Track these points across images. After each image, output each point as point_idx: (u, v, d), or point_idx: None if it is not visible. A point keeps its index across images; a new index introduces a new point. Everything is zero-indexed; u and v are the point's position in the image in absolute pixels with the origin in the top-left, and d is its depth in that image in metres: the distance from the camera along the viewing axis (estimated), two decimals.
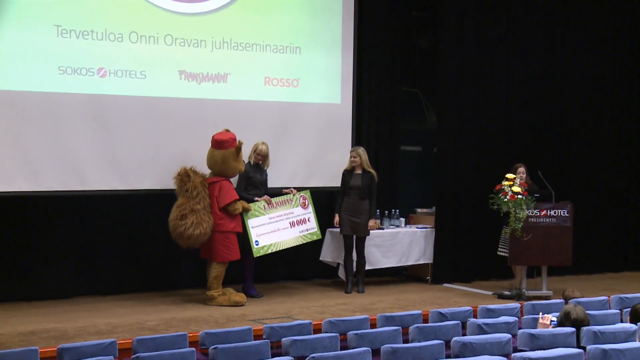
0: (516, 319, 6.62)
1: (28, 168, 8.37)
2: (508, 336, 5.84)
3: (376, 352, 5.53)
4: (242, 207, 8.75)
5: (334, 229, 9.74)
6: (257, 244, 8.88)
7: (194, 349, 5.52)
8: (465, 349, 5.56)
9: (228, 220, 8.66)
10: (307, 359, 5.05)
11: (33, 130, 8.36)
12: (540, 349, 5.52)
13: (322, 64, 9.90)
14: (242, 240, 8.84)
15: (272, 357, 5.62)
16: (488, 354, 5.47)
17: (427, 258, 10.40)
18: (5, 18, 8.12)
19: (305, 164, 9.88)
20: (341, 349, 5.80)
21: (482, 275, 10.55)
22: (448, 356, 5.64)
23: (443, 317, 6.79)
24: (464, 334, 6.30)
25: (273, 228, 9.07)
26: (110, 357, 5.38)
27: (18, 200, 8.57)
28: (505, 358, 5.36)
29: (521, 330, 6.00)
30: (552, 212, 9.38)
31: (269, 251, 9.02)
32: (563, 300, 7.22)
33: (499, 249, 9.64)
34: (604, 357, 5.24)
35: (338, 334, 6.03)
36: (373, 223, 9.62)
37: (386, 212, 10.43)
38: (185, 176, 8.56)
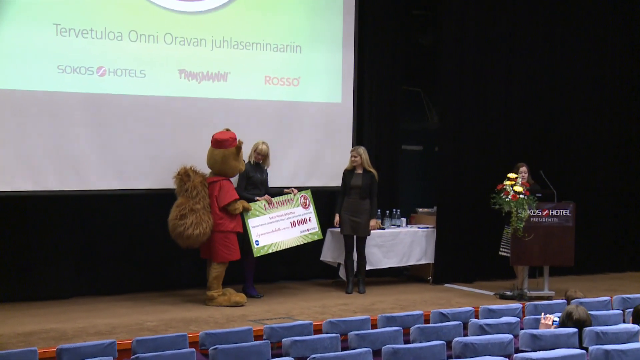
0: (518, 320, 6.61)
1: (27, 168, 8.36)
2: (510, 337, 5.84)
3: (377, 353, 5.53)
4: (242, 207, 8.72)
5: (335, 229, 9.72)
6: (258, 244, 8.85)
7: (194, 350, 5.51)
8: (466, 350, 5.55)
9: (228, 220, 8.63)
10: None
11: (32, 129, 8.35)
12: (542, 350, 5.51)
13: (323, 63, 9.88)
14: (242, 240, 8.82)
15: (273, 358, 5.62)
16: (490, 355, 5.47)
17: (428, 258, 10.37)
18: (4, 17, 8.11)
19: (305, 164, 9.86)
20: (342, 350, 5.80)
21: (484, 275, 10.52)
22: (449, 357, 5.63)
23: (444, 318, 6.78)
24: (466, 335, 6.29)
25: (273, 228, 9.04)
26: (109, 358, 5.39)
27: (17, 200, 8.55)
28: (506, 359, 5.38)
29: (523, 330, 6.00)
30: (554, 212, 9.36)
31: (270, 251, 9.00)
32: (565, 300, 7.22)
33: (501, 249, 9.62)
34: (606, 358, 5.23)
35: (339, 335, 6.03)
36: (374, 223, 9.59)
37: (387, 212, 10.40)
38: (185, 176, 8.54)
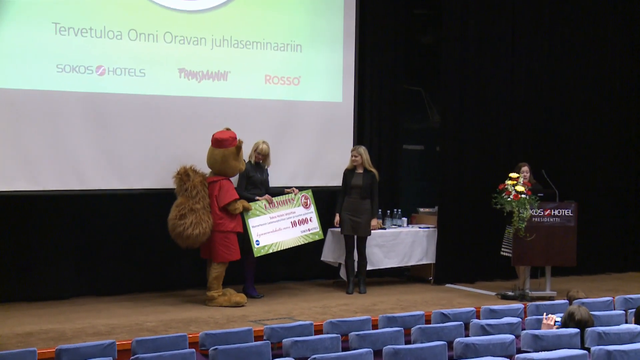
0: (520, 320, 6.60)
1: (26, 167, 8.34)
2: (511, 337, 5.82)
3: (378, 353, 5.50)
4: (243, 207, 8.69)
5: (336, 229, 9.69)
6: (258, 244, 8.83)
7: (194, 350, 5.49)
8: (468, 350, 5.54)
9: (228, 220, 8.61)
10: None
11: (31, 128, 8.34)
12: (544, 350, 5.50)
13: (324, 62, 9.86)
14: (242, 240, 8.79)
15: (273, 359, 5.61)
16: (491, 355, 5.45)
17: (430, 258, 10.35)
18: (3, 16, 8.09)
19: (306, 163, 9.84)
20: (343, 350, 5.78)
21: (485, 275, 10.50)
22: (451, 357, 5.62)
23: (445, 318, 6.76)
24: (467, 335, 6.27)
25: (274, 228, 9.02)
26: (109, 359, 5.38)
27: (16, 199, 8.53)
28: (508, 359, 5.32)
29: (525, 331, 5.98)
30: (556, 212, 9.34)
31: (270, 251, 8.97)
32: (567, 300, 7.18)
33: (502, 249, 9.60)
34: (609, 359, 5.20)
35: (339, 335, 6.01)
36: (375, 223, 9.57)
37: (388, 212, 10.38)
38: (184, 175, 8.52)
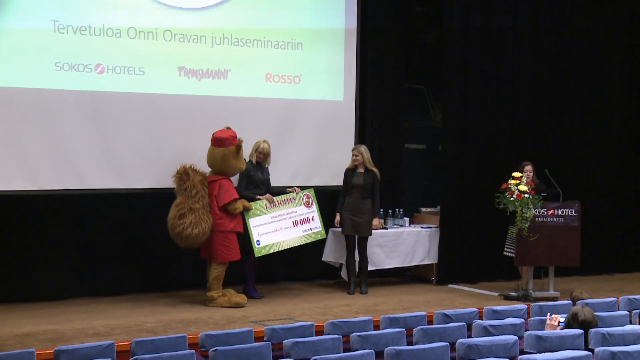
0: (523, 321, 6.57)
1: (25, 166, 8.31)
2: (514, 338, 5.80)
3: (380, 355, 5.48)
4: (243, 207, 8.64)
5: (337, 229, 9.67)
6: (259, 244, 8.79)
7: (194, 351, 5.47)
8: (470, 351, 5.52)
9: (228, 219, 8.57)
10: None
11: (30, 127, 8.31)
12: (547, 351, 5.49)
13: (325, 60, 9.84)
14: (243, 240, 8.75)
15: None
16: (494, 356, 5.43)
17: (432, 258, 10.32)
18: (1, 14, 8.05)
19: (307, 162, 9.81)
20: (344, 351, 5.77)
21: (488, 276, 10.48)
22: (453, 359, 5.60)
23: (448, 319, 6.73)
24: (470, 336, 6.26)
25: (275, 227, 8.99)
26: None
27: (14, 199, 8.50)
28: None
29: (528, 332, 5.96)
30: (560, 212, 9.31)
31: (271, 251, 8.94)
32: (570, 301, 7.15)
33: (505, 249, 9.58)
34: None
35: (341, 336, 5.99)
36: (377, 222, 9.55)
37: (390, 212, 10.36)
38: (184, 174, 8.49)
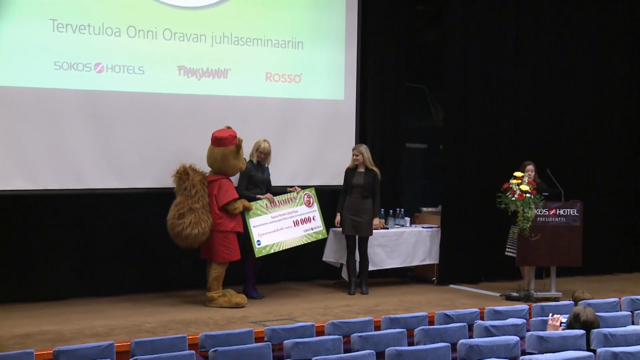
0: (524, 321, 6.56)
1: (24, 166, 8.30)
2: (516, 339, 5.81)
3: (380, 355, 5.47)
4: (243, 206, 8.61)
5: (337, 229, 9.66)
6: (259, 244, 8.76)
7: (194, 352, 5.46)
8: (472, 352, 5.52)
9: (228, 219, 8.54)
10: None
11: (29, 127, 8.30)
12: (549, 352, 5.47)
13: (325, 59, 9.81)
14: (243, 240, 8.73)
15: None
16: (495, 357, 5.44)
17: (433, 258, 10.30)
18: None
19: (307, 162, 9.79)
20: (345, 352, 5.77)
21: (490, 276, 10.47)
22: (454, 359, 5.59)
23: (449, 319, 6.72)
24: (471, 337, 6.25)
25: (276, 227, 8.96)
26: None
27: (13, 199, 8.49)
28: None
29: (529, 332, 5.96)
30: (562, 212, 9.30)
31: (272, 251, 8.91)
32: (572, 301, 7.14)
33: (507, 249, 9.56)
34: None
35: (341, 337, 5.98)
36: (377, 222, 9.54)
37: (391, 212, 10.34)
38: (184, 174, 8.48)
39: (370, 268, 9.64)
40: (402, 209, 10.42)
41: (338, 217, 9.46)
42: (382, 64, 10.50)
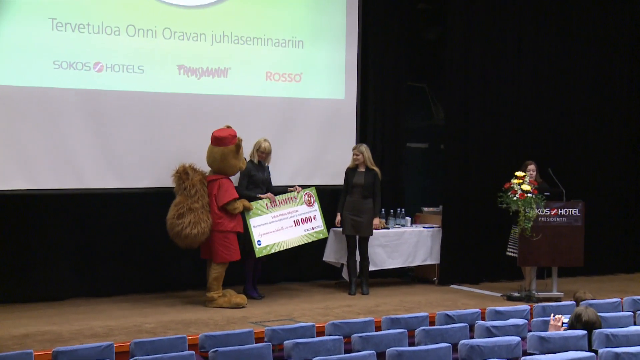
0: (526, 322, 6.56)
1: (23, 166, 8.28)
2: (517, 339, 5.80)
3: (381, 356, 5.47)
4: (243, 206, 8.58)
5: (338, 229, 9.65)
6: (260, 244, 8.74)
7: (194, 352, 5.45)
8: (473, 353, 5.51)
9: (227, 219, 8.52)
10: None
11: (28, 126, 8.28)
12: (550, 353, 5.47)
13: (326, 59, 9.79)
14: (243, 240, 8.70)
15: None
16: (497, 358, 5.44)
17: (434, 258, 10.28)
18: None
19: (307, 162, 9.77)
20: (345, 352, 5.76)
21: (491, 276, 10.46)
22: None
23: (450, 320, 6.71)
24: (472, 337, 6.24)
25: (276, 227, 8.94)
26: None
27: (12, 198, 8.46)
28: None
29: (531, 333, 5.94)
30: (563, 211, 9.28)
31: (272, 251, 8.89)
32: (574, 302, 7.12)
33: (508, 249, 9.56)
34: None
35: (342, 337, 5.97)
36: (378, 222, 9.52)
37: (391, 211, 10.32)
38: (183, 174, 8.46)
39: (370, 268, 9.61)
40: (403, 209, 10.39)
41: (338, 217, 9.43)
42: (383, 63, 10.48)
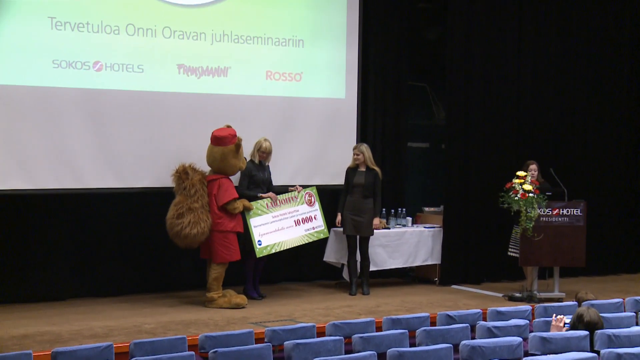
0: (527, 322, 6.55)
1: (22, 165, 8.25)
2: (519, 340, 5.79)
3: (382, 356, 5.46)
4: (243, 206, 8.55)
5: (338, 229, 9.63)
6: (260, 244, 8.72)
7: (193, 353, 5.45)
8: (474, 353, 5.50)
9: (227, 219, 8.50)
10: None
11: (27, 125, 8.25)
12: (552, 353, 5.46)
13: (326, 58, 9.77)
14: (243, 240, 8.68)
15: None
16: (498, 358, 5.44)
17: (435, 259, 10.26)
18: None
19: (308, 161, 9.75)
20: (346, 353, 5.75)
21: (492, 276, 10.45)
22: None
23: (451, 320, 6.70)
24: (473, 338, 6.23)
25: (277, 227, 8.92)
26: None
27: (11, 198, 8.45)
28: None
29: (532, 333, 5.93)
30: (565, 211, 9.26)
31: (273, 251, 8.87)
32: (576, 302, 7.12)
33: (510, 249, 9.54)
34: None
35: (342, 338, 5.96)
36: (378, 222, 9.51)
37: (392, 211, 10.31)
38: (183, 173, 8.44)
39: (371, 268, 9.59)
40: (404, 209, 10.37)
41: (339, 217, 9.41)
42: (383, 63, 10.46)
